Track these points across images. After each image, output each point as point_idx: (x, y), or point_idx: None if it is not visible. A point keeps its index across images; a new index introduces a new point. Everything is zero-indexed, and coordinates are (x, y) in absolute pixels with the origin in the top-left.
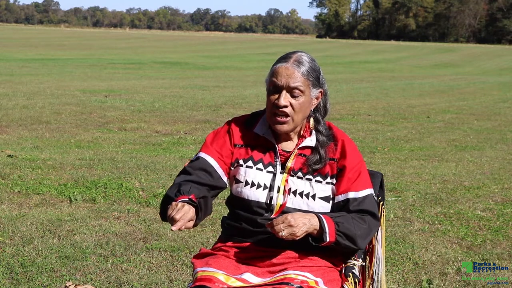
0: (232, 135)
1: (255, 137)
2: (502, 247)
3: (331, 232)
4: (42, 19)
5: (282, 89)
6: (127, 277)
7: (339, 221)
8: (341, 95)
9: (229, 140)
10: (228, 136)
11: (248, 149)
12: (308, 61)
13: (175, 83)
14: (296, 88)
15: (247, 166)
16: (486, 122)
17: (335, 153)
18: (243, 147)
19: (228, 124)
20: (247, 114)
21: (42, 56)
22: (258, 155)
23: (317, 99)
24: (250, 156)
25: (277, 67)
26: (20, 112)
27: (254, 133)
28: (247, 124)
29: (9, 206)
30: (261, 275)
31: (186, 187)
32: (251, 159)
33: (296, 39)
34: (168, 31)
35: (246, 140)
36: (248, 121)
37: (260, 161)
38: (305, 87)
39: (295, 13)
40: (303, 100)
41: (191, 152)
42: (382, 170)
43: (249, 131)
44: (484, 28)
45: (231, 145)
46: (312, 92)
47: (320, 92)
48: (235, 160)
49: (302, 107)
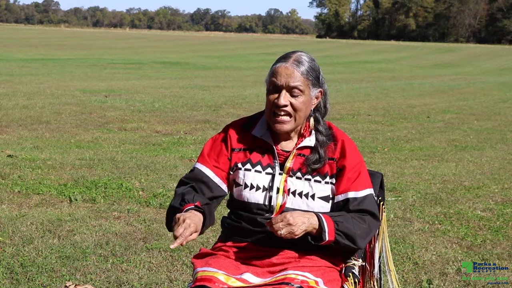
0: (230, 141)
1: (253, 140)
2: (502, 247)
3: (330, 231)
4: (42, 19)
5: (282, 89)
6: (127, 277)
7: (338, 220)
8: (341, 95)
9: (225, 147)
10: (224, 143)
11: (246, 152)
12: (308, 61)
13: (175, 83)
14: (295, 87)
15: (246, 169)
16: (486, 122)
17: (334, 152)
18: (241, 150)
19: (226, 129)
20: (245, 117)
21: (42, 56)
22: (256, 157)
23: (317, 98)
24: (249, 158)
25: (277, 66)
26: (20, 112)
27: (252, 136)
28: (245, 127)
29: (9, 206)
30: (261, 275)
31: (190, 195)
32: (249, 161)
33: (296, 39)
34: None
35: (244, 143)
36: (246, 124)
37: (259, 163)
38: (304, 86)
39: (295, 13)
40: (303, 100)
41: (191, 152)
42: (382, 170)
43: (247, 134)
44: (484, 28)
45: (228, 151)
46: (312, 92)
47: (320, 92)
48: (234, 164)
49: (302, 107)
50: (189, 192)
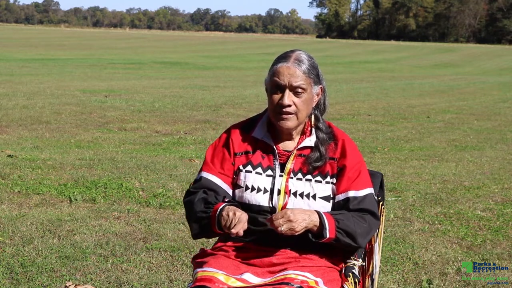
0: (232, 145)
1: (254, 142)
2: (502, 247)
3: (331, 228)
4: (42, 19)
5: (285, 88)
6: (127, 277)
7: (339, 218)
8: (341, 95)
9: (228, 152)
10: (227, 148)
11: (248, 155)
12: (308, 59)
13: (175, 83)
14: (299, 86)
15: (247, 171)
16: (486, 122)
17: (335, 152)
18: (243, 154)
19: (226, 134)
20: (244, 120)
21: (42, 56)
22: (257, 159)
23: (317, 95)
24: (249, 160)
25: (278, 66)
26: (20, 112)
27: (252, 138)
28: (245, 129)
29: (9, 206)
30: (261, 275)
31: (212, 198)
32: (250, 163)
33: (296, 39)
34: (168, 31)
35: (245, 146)
36: (246, 126)
37: (259, 165)
38: (307, 85)
39: (295, 13)
40: (306, 98)
41: (191, 152)
42: (382, 170)
43: (248, 136)
44: (484, 28)
45: (230, 156)
46: (313, 89)
47: (320, 88)
48: (237, 168)
49: (305, 105)
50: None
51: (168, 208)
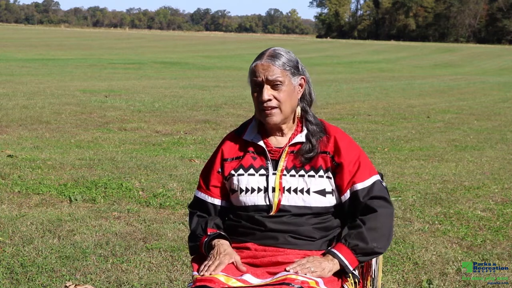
0: (221, 153)
1: (245, 145)
2: (502, 247)
3: (351, 262)
4: (42, 19)
5: (263, 84)
6: (127, 277)
7: (353, 245)
8: (341, 95)
9: (216, 161)
10: (215, 158)
11: (239, 159)
12: (283, 54)
13: (175, 83)
14: (275, 80)
15: (239, 174)
16: (486, 122)
17: (327, 146)
18: (234, 159)
19: (220, 143)
20: (239, 126)
21: (42, 56)
22: (248, 161)
23: (301, 86)
24: (241, 164)
25: (253, 66)
26: (20, 112)
27: (243, 141)
28: (237, 133)
29: (9, 206)
30: (261, 276)
31: (199, 229)
32: (241, 167)
33: (296, 39)
34: (168, 31)
35: (236, 151)
36: (237, 130)
37: (251, 166)
38: (284, 77)
39: (295, 13)
40: (285, 90)
41: (191, 152)
42: (382, 170)
43: (239, 140)
44: (484, 28)
45: (219, 165)
46: (293, 81)
47: (302, 79)
48: (228, 173)
49: (286, 97)
50: (197, 229)
51: (168, 208)
